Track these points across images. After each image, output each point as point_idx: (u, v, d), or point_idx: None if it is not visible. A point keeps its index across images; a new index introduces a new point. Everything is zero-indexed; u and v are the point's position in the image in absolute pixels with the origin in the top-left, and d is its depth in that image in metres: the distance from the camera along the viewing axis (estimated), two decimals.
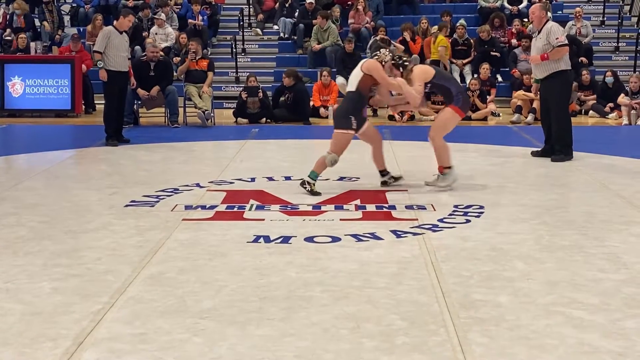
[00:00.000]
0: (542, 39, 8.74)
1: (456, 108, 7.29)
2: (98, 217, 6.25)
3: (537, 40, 8.87)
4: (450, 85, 7.36)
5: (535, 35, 8.97)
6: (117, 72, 10.26)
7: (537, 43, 8.82)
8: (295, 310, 4.10)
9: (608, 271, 4.77)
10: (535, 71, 9.01)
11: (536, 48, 8.84)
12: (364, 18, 16.08)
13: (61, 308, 4.14)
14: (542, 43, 8.73)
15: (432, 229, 5.80)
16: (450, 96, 7.29)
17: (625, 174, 8.20)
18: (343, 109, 7.26)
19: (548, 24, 8.82)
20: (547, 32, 8.71)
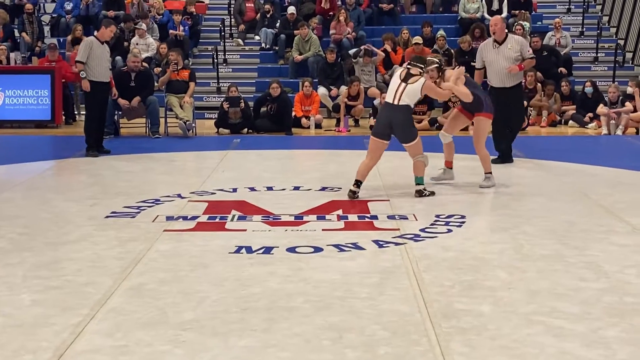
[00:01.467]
0: (512, 49, 9.24)
1: (487, 114, 7.99)
2: (78, 228, 6.21)
3: (502, 51, 9.28)
4: (478, 91, 7.97)
5: (496, 46, 9.33)
6: (99, 82, 10.23)
7: (507, 53, 9.26)
8: (278, 321, 4.09)
9: (588, 280, 4.79)
10: (506, 80, 9.32)
11: (506, 58, 9.26)
12: (345, 29, 16.12)
13: (41, 320, 4.10)
14: (514, 53, 9.25)
15: (414, 239, 5.81)
16: (480, 103, 7.89)
17: (605, 183, 8.26)
18: (408, 121, 7.48)
19: (513, 36, 9.55)
20: (520, 44, 9.34)
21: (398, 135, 7.44)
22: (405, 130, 7.41)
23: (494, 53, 9.36)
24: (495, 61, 9.34)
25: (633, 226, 6.21)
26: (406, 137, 7.43)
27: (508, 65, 9.23)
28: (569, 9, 18.55)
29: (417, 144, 7.44)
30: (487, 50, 9.44)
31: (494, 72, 9.34)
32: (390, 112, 7.41)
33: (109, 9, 17.07)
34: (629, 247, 5.58)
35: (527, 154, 10.25)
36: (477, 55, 9.63)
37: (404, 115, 7.39)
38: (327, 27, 16.57)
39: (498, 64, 9.30)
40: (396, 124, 7.36)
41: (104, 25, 10.49)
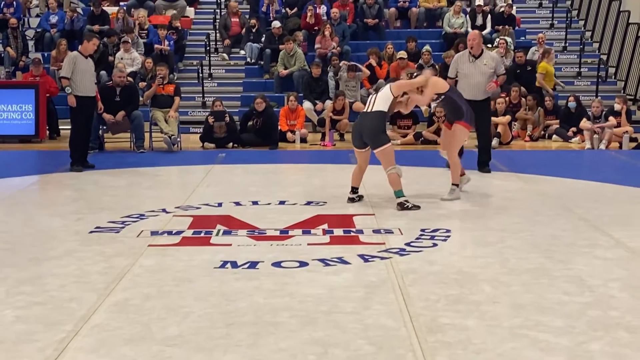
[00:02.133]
0: (487, 65, 9.58)
1: (465, 124, 8.09)
2: (62, 243, 6.18)
3: (479, 66, 9.57)
4: (461, 101, 8.10)
5: (473, 60, 9.58)
6: (85, 97, 10.21)
7: (483, 69, 9.58)
8: (263, 335, 4.08)
9: (573, 294, 4.81)
10: (478, 94, 9.58)
11: (482, 73, 9.57)
12: (331, 43, 16.18)
13: (24, 336, 4.07)
14: (489, 69, 9.59)
15: (400, 253, 5.81)
16: (460, 111, 8.01)
17: (589, 197, 8.31)
18: (376, 127, 7.54)
19: (488, 52, 9.87)
20: (495, 61, 9.72)
21: (368, 141, 7.57)
22: (374, 136, 7.51)
23: (470, 66, 9.61)
24: (470, 74, 9.58)
25: (617, 240, 6.25)
26: (375, 142, 7.51)
27: (483, 79, 9.53)
28: (552, 24, 18.70)
29: (387, 152, 7.50)
30: (463, 63, 9.67)
31: (468, 84, 9.52)
32: (361, 120, 7.68)
33: (93, 24, 17.05)
34: (612, 261, 5.61)
35: (511, 168, 10.31)
36: (452, 65, 9.85)
37: (373, 121, 7.54)
38: (312, 42, 16.63)
39: (473, 78, 9.56)
40: (365, 130, 7.54)
41: (86, 39, 10.48)
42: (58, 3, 18.18)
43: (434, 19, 18.05)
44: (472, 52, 9.62)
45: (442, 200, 7.96)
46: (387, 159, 7.52)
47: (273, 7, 17.77)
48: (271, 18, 17.48)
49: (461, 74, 9.63)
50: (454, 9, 17.24)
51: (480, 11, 17.23)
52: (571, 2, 19.86)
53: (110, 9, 18.08)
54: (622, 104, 13.43)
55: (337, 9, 17.24)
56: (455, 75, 9.65)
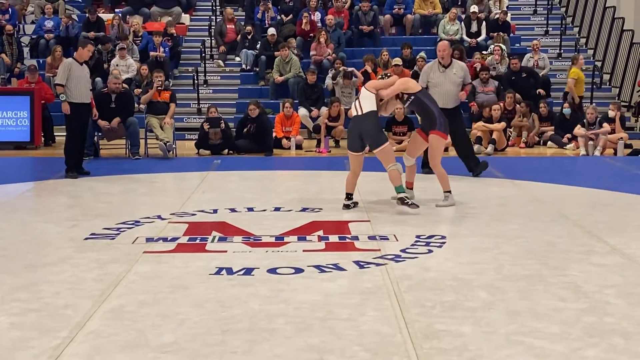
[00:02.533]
0: (456, 74, 9.84)
1: (439, 133, 8.03)
2: (57, 250, 6.17)
3: (449, 75, 9.80)
4: (433, 107, 8.09)
5: (443, 70, 9.82)
6: (80, 104, 10.21)
7: (453, 78, 9.82)
8: (258, 342, 4.07)
9: (568, 300, 4.81)
10: (449, 102, 9.72)
11: (452, 82, 9.80)
12: (326, 50, 16.20)
13: (19, 343, 4.06)
14: (459, 78, 9.85)
15: (395, 260, 5.81)
16: (432, 120, 8.00)
17: (584, 203, 8.32)
18: (374, 126, 7.66)
19: (456, 61, 10.13)
20: (463, 70, 9.98)
21: (368, 142, 7.67)
22: (373, 136, 7.62)
23: (440, 76, 9.83)
24: (441, 83, 9.79)
25: (612, 246, 6.26)
26: (375, 142, 7.61)
27: (453, 88, 9.79)
28: (547, 31, 18.75)
29: (387, 150, 7.61)
30: (434, 72, 9.89)
31: (439, 93, 9.66)
32: (358, 123, 7.74)
33: (89, 30, 17.06)
34: (608, 267, 5.62)
35: (507, 174, 10.32)
36: (422, 75, 10.06)
37: (370, 120, 7.65)
38: (307, 49, 16.65)
39: (444, 87, 9.77)
40: (364, 131, 7.63)
41: (81, 45, 10.47)
42: (53, 9, 18.19)
43: (429, 25, 18.08)
44: (442, 62, 9.86)
45: (437, 207, 7.98)
46: (387, 157, 7.63)
47: (268, 14, 17.79)
48: (266, 25, 17.50)
49: (432, 84, 9.81)
50: (449, 16, 17.28)
51: (475, 18, 17.27)
52: (566, 9, 19.92)
53: (106, 15, 18.10)
54: (616, 111, 13.47)
55: (332, 15, 17.27)
56: (426, 85, 9.79)
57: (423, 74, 10.07)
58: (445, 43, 10.18)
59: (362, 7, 17.65)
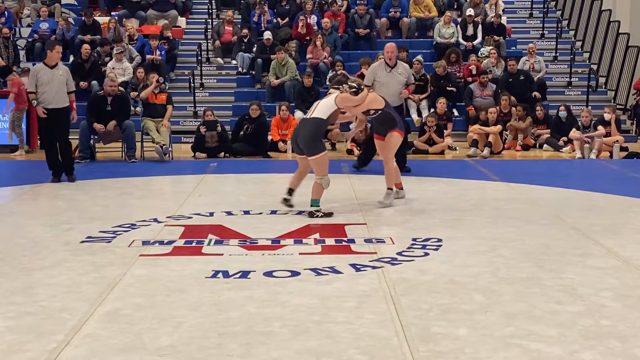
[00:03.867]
0: (401, 75, 10.26)
1: (399, 131, 8.21)
2: (53, 253, 6.16)
3: (394, 75, 10.20)
4: (394, 113, 8.32)
5: (389, 70, 10.21)
6: (49, 109, 9.87)
7: (398, 78, 10.22)
8: (255, 345, 4.07)
9: (565, 303, 4.82)
10: (395, 100, 9.96)
11: (397, 82, 10.22)
12: (322, 53, 16.21)
13: (15, 347, 4.06)
14: (403, 78, 10.27)
15: (391, 263, 5.81)
16: (394, 122, 8.18)
17: (580, 206, 8.33)
18: (312, 134, 7.60)
19: (401, 62, 10.53)
20: (407, 71, 10.40)
21: (303, 147, 7.62)
22: (308, 143, 7.57)
23: (387, 75, 10.24)
24: (387, 83, 10.18)
25: (608, 249, 6.26)
26: (309, 150, 7.57)
27: (397, 87, 10.20)
28: (543, 34, 18.79)
29: (321, 161, 7.58)
30: (380, 72, 10.28)
31: (385, 93, 9.86)
32: (299, 127, 7.81)
33: (85, 34, 17.06)
34: (604, 270, 5.63)
35: (503, 177, 10.33)
36: (369, 74, 10.42)
37: (310, 128, 7.61)
38: (303, 52, 16.66)
39: (390, 86, 10.14)
40: (301, 137, 7.63)
41: (49, 48, 10.20)
42: (49, 12, 18.18)
43: (425, 29, 18.10)
44: (389, 63, 10.23)
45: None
46: (320, 167, 7.58)
47: (264, 17, 17.80)
48: (262, 28, 17.51)
49: (378, 83, 10.16)
50: (444, 19, 17.30)
51: (471, 21, 17.30)
52: (561, 12, 19.96)
53: (102, 18, 18.09)
54: (612, 114, 13.49)
55: (328, 19, 17.28)
56: (372, 84, 10.10)
57: (370, 73, 10.41)
58: (392, 45, 10.50)
59: (358, 10, 17.67)
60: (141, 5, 18.62)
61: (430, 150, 13.43)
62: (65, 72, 10.21)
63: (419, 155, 13.26)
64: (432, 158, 13.18)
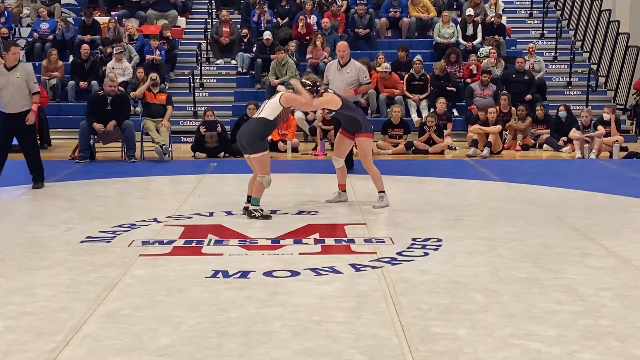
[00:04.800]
0: (350, 73, 10.26)
1: (366, 134, 8.08)
2: (53, 253, 6.16)
3: (343, 74, 10.27)
4: (355, 114, 8.10)
5: (340, 68, 10.31)
6: (7, 114, 9.49)
7: (346, 77, 10.26)
8: (254, 345, 4.07)
9: (564, 303, 4.82)
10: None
11: (346, 81, 10.24)
12: (322, 53, 16.21)
13: (15, 347, 4.05)
14: (352, 78, 10.26)
15: (391, 262, 5.81)
16: (358, 125, 8.02)
17: (580, 206, 8.33)
18: (256, 133, 7.55)
19: (354, 62, 10.52)
20: (357, 70, 10.34)
21: (246, 146, 7.57)
22: (251, 141, 7.53)
23: (337, 74, 10.34)
24: (335, 81, 10.27)
25: (608, 249, 6.26)
26: (251, 148, 7.53)
27: (345, 86, 10.19)
28: (543, 34, 18.79)
29: (262, 159, 7.52)
30: (332, 71, 10.42)
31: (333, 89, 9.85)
32: (244, 126, 7.77)
33: (85, 34, 17.06)
34: (603, 270, 5.63)
35: (502, 177, 10.33)
36: (325, 72, 10.66)
37: (252, 126, 7.59)
38: (303, 52, 16.66)
39: (336, 84, 10.15)
40: (242, 135, 7.60)
41: (4, 50, 9.88)
42: (49, 12, 18.18)
43: (425, 29, 18.11)
44: (340, 61, 10.34)
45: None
46: (261, 166, 7.52)
47: (264, 17, 17.80)
48: (262, 28, 17.51)
49: (330, 80, 10.30)
50: (442, 19, 17.31)
51: (471, 21, 17.31)
52: (561, 12, 19.96)
53: (102, 18, 18.10)
54: (611, 114, 13.49)
55: (328, 19, 17.28)
56: (327, 82, 10.23)
57: (325, 71, 10.63)
58: (344, 43, 10.67)
59: (358, 10, 17.67)
60: (141, 5, 18.63)
61: (430, 150, 13.43)
62: (25, 74, 9.65)
63: (419, 155, 13.27)
64: (431, 158, 13.18)
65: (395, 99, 15.39)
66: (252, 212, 7.50)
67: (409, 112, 15.44)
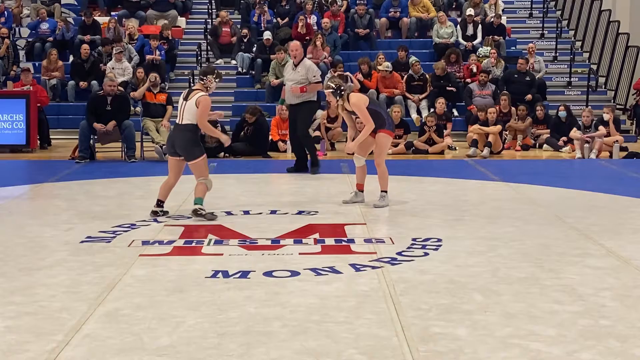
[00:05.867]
0: (300, 72, 10.49)
1: (387, 131, 8.11)
2: (53, 253, 6.16)
3: (294, 73, 10.55)
4: (381, 109, 8.28)
5: (294, 68, 10.58)
6: None
7: (295, 76, 10.52)
8: (254, 345, 4.07)
9: (564, 303, 4.82)
10: (292, 98, 10.58)
11: (295, 80, 10.48)
12: (322, 53, 16.21)
13: (15, 347, 4.05)
14: (301, 76, 10.48)
15: (391, 262, 5.81)
16: (382, 120, 8.07)
17: (579, 206, 8.33)
18: (191, 140, 7.58)
19: (306, 61, 10.75)
20: (306, 69, 10.54)
21: (182, 155, 7.64)
22: (186, 150, 7.60)
23: (291, 73, 10.68)
24: (288, 80, 10.68)
25: (607, 249, 6.27)
26: (189, 156, 7.62)
27: (294, 84, 10.54)
28: (542, 34, 18.79)
29: (199, 164, 7.59)
30: (288, 70, 10.83)
31: (286, 89, 10.53)
32: (173, 133, 7.81)
33: (85, 34, 17.06)
34: (603, 270, 5.63)
35: (502, 177, 10.33)
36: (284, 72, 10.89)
37: (185, 135, 7.59)
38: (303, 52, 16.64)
39: (289, 83, 10.62)
40: (178, 145, 7.63)
41: None
42: (49, 12, 18.18)
43: (424, 29, 18.10)
44: (294, 61, 10.63)
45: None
46: (199, 170, 7.61)
47: (264, 17, 17.79)
48: (262, 28, 17.51)
49: (285, 80, 10.78)
50: (439, 19, 17.31)
51: (470, 21, 17.30)
52: (561, 12, 19.96)
53: (102, 18, 18.10)
54: (610, 114, 13.49)
55: (328, 19, 17.28)
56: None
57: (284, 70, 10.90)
58: (297, 43, 10.94)
59: (358, 10, 17.67)
60: (141, 5, 18.62)
61: (430, 150, 13.43)
62: None
63: (419, 155, 13.27)
64: (431, 158, 13.18)
65: (396, 99, 15.38)
66: (197, 211, 7.47)
67: (408, 112, 15.45)
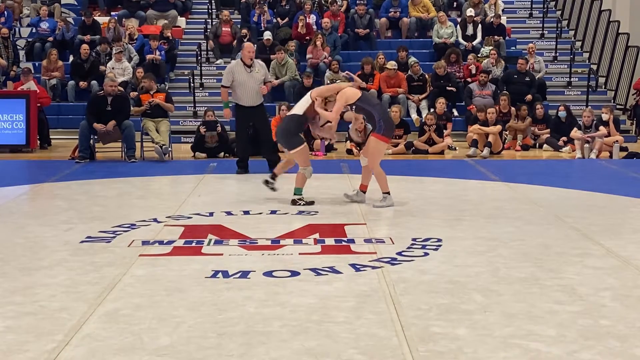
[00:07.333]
0: (258, 73, 10.55)
1: (378, 135, 7.97)
2: (52, 253, 6.15)
3: (253, 74, 10.49)
4: (374, 111, 8.03)
5: (247, 69, 10.49)
6: None
7: (256, 76, 10.51)
8: (254, 345, 4.07)
9: (564, 303, 4.82)
10: (256, 99, 10.57)
11: (255, 80, 10.49)
12: (322, 53, 16.22)
13: (15, 347, 4.05)
14: (261, 76, 10.59)
15: (391, 263, 5.81)
16: (373, 123, 8.02)
17: (579, 206, 8.33)
18: (287, 130, 8.05)
19: (257, 61, 10.83)
20: (264, 69, 10.76)
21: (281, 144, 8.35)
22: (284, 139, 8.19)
23: (245, 75, 10.49)
24: (246, 82, 10.46)
25: (607, 249, 6.27)
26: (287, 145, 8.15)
27: (256, 86, 10.47)
28: (542, 34, 18.80)
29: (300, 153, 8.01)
30: (239, 72, 10.52)
31: (245, 92, 10.38)
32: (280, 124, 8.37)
33: (85, 34, 17.06)
34: (603, 270, 5.63)
35: (502, 177, 10.33)
36: (227, 74, 10.66)
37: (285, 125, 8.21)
38: (303, 52, 16.67)
39: (248, 85, 10.45)
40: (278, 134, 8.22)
41: None
42: (49, 12, 18.19)
43: (425, 29, 18.12)
44: (247, 62, 10.49)
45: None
46: (301, 159, 8.06)
47: (264, 17, 17.80)
48: (262, 28, 17.52)
49: (237, 82, 10.46)
50: (439, 19, 17.32)
51: (470, 21, 17.31)
52: (561, 12, 19.97)
53: (102, 18, 18.10)
54: (609, 114, 13.49)
55: (328, 19, 17.29)
56: (230, 84, 10.45)
57: (227, 73, 10.63)
58: (250, 44, 10.85)
59: (358, 10, 17.68)
60: (141, 5, 18.63)
61: (430, 150, 13.43)
62: None
63: (419, 155, 13.27)
64: (431, 158, 13.18)
65: (399, 98, 15.38)
66: (295, 201, 8.02)
67: (409, 112, 15.45)
